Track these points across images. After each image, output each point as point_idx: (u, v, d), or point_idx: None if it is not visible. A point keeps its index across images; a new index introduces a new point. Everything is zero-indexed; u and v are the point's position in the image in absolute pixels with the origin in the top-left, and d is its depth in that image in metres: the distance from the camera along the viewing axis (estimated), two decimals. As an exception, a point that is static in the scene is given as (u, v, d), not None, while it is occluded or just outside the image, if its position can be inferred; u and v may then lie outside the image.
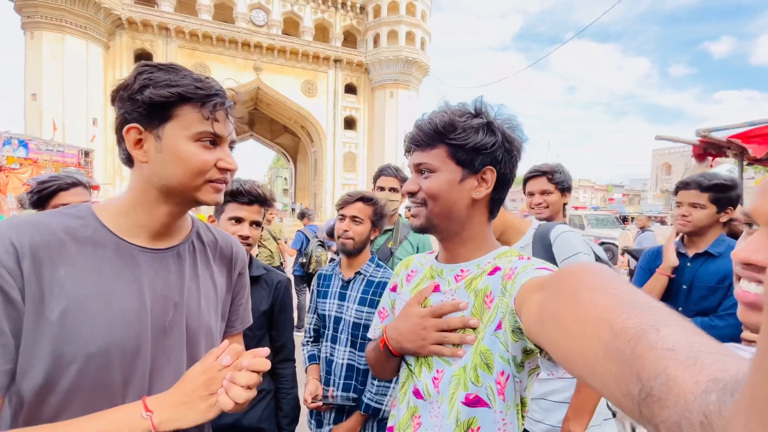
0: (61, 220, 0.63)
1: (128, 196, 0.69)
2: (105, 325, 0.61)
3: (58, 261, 0.59)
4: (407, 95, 28.99)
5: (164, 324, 0.68)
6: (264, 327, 1.41)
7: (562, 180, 1.75)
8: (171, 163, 0.64)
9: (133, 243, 0.67)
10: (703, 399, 0.22)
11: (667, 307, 0.33)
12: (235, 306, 0.86)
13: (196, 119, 0.64)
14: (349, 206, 1.50)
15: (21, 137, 14.81)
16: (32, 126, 19.62)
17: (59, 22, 20.12)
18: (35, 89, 20.32)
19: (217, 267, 0.81)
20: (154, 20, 23.36)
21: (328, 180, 28.89)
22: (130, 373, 0.64)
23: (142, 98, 0.62)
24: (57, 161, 15.26)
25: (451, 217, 0.76)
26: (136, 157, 0.66)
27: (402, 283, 0.91)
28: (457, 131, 0.72)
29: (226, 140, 0.70)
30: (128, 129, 0.64)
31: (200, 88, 0.64)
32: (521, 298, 0.57)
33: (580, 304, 0.38)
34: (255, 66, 25.95)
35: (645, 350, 0.27)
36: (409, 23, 27.91)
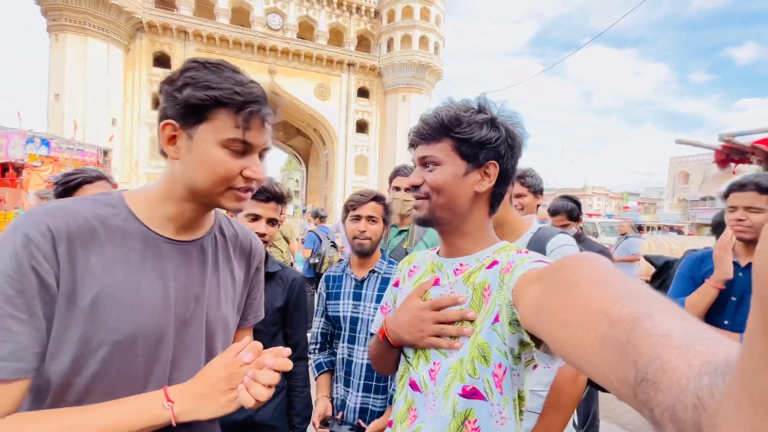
0: (93, 207, 0.63)
1: (159, 188, 0.69)
2: (131, 313, 0.62)
3: (90, 248, 0.60)
4: (420, 99, 29.01)
5: (185, 315, 0.69)
6: (278, 323, 1.41)
7: (533, 183, 1.87)
8: (198, 165, 0.64)
9: (160, 234, 0.68)
10: (696, 382, 0.22)
11: (661, 296, 0.33)
12: (250, 300, 0.87)
13: (229, 125, 0.63)
14: (364, 206, 1.49)
15: (43, 136, 15.27)
16: (54, 125, 20.23)
17: (82, 25, 20.76)
18: (58, 90, 20.97)
19: (237, 261, 0.82)
20: (173, 24, 23.92)
21: (339, 183, 29.02)
22: (153, 361, 0.65)
23: (181, 97, 0.62)
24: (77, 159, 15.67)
25: (454, 210, 0.77)
26: (168, 152, 0.66)
27: (404, 278, 0.93)
28: (463, 125, 0.74)
29: (258, 148, 0.68)
30: (164, 125, 0.65)
31: (238, 93, 0.62)
32: (518, 290, 0.58)
33: (576, 294, 0.39)
34: (270, 69, 26.31)
35: (640, 337, 0.28)
36: (423, 28, 27.99)
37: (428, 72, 28.83)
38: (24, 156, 13.75)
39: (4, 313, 0.53)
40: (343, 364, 1.47)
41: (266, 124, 0.68)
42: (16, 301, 0.53)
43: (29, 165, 13.94)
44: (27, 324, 0.54)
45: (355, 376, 1.43)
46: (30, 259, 0.54)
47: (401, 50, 27.94)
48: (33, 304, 0.54)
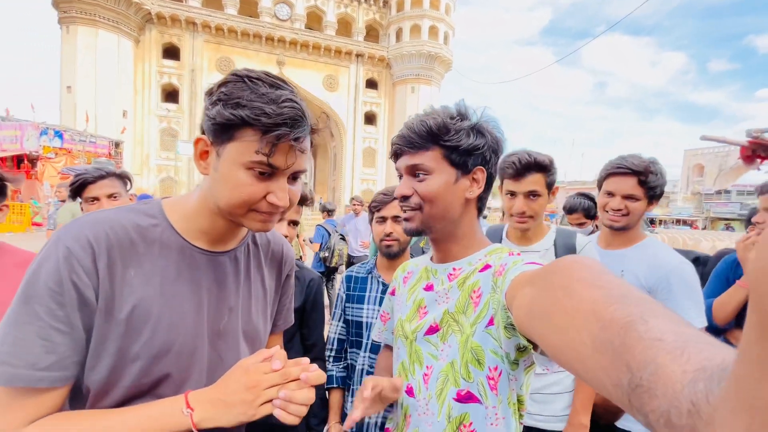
0: (133, 218, 0.64)
1: (196, 201, 0.68)
2: (167, 326, 0.62)
3: (129, 262, 0.61)
4: (429, 90, 28.72)
5: (219, 327, 0.69)
6: (295, 324, 1.37)
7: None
8: (222, 184, 0.62)
9: (196, 245, 0.68)
10: (691, 387, 0.22)
11: (652, 299, 0.33)
12: (281, 307, 0.87)
13: (255, 147, 0.59)
14: (388, 206, 1.41)
15: (56, 128, 15.50)
16: (67, 117, 20.51)
17: (93, 17, 20.90)
18: (70, 82, 21.22)
19: (268, 269, 0.81)
20: (182, 15, 23.93)
21: (347, 175, 29.03)
22: (188, 374, 0.65)
23: (211, 113, 0.60)
24: (89, 151, 15.92)
25: (446, 218, 0.77)
26: (198, 167, 0.66)
27: (399, 285, 0.93)
28: (451, 133, 0.74)
29: (286, 172, 0.63)
30: (198, 140, 0.65)
31: (267, 114, 0.58)
32: (512, 293, 0.58)
33: (569, 296, 0.39)
34: (278, 60, 26.24)
35: (634, 341, 0.28)
36: (432, 17, 27.56)
37: (438, 62, 28.47)
38: (38, 148, 14.00)
39: (47, 325, 0.55)
40: (363, 376, 1.35)
41: (297, 148, 0.62)
42: (58, 313, 0.55)
43: (44, 157, 14.20)
44: (68, 335, 0.56)
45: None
46: (71, 273, 0.56)
47: (410, 40, 27.60)
48: (73, 316, 0.56)
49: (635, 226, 1.40)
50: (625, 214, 1.36)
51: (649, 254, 1.35)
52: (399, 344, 0.84)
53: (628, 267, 1.36)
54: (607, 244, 1.47)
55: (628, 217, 1.36)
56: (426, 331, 0.77)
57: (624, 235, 1.41)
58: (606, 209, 1.39)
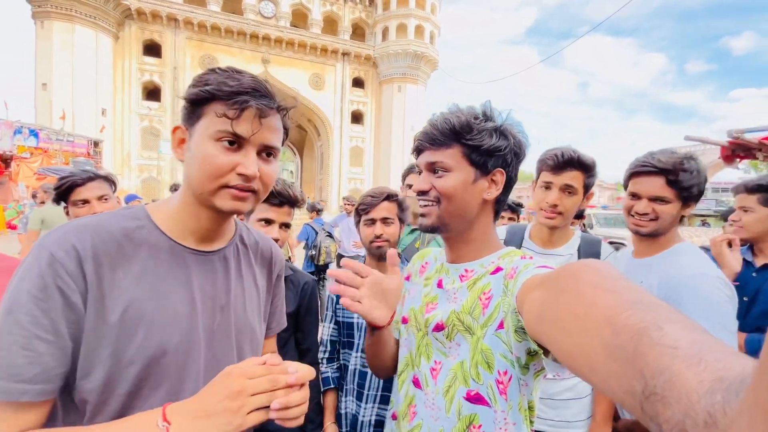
0: (118, 221, 0.63)
1: (179, 198, 0.68)
2: (160, 327, 0.61)
3: (117, 263, 0.60)
4: (415, 90, 28.80)
5: (212, 326, 0.68)
6: (290, 329, 1.37)
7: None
8: (193, 162, 0.63)
9: (184, 245, 0.67)
10: (708, 398, 0.21)
11: (666, 304, 0.32)
12: (273, 308, 0.86)
13: (219, 116, 0.61)
14: (376, 208, 1.40)
15: (32, 126, 14.95)
16: (42, 115, 19.80)
17: (69, 12, 20.21)
18: (45, 79, 20.48)
19: (258, 269, 0.81)
20: (163, 11, 23.36)
21: (334, 174, 28.89)
22: (185, 375, 0.64)
23: (183, 97, 0.63)
24: (67, 151, 15.40)
25: (462, 217, 0.77)
26: (176, 155, 0.67)
27: (416, 273, 0.93)
28: (473, 132, 0.74)
29: (252, 143, 0.63)
30: (175, 128, 0.66)
31: (228, 84, 0.61)
32: (522, 296, 0.57)
33: (580, 301, 0.38)
34: (263, 58, 25.89)
35: (648, 348, 0.27)
36: (418, 17, 27.64)
37: (424, 62, 28.57)
38: (12, 147, 13.47)
39: (31, 334, 0.52)
40: (356, 375, 1.37)
41: (262, 119, 0.63)
42: (43, 321, 0.53)
43: (18, 156, 13.68)
44: (53, 344, 0.54)
45: (371, 388, 1.35)
46: (55, 278, 0.54)
47: (396, 39, 27.61)
48: (59, 323, 0.54)
49: (668, 231, 1.21)
50: (654, 218, 1.18)
51: (669, 264, 1.16)
52: (410, 333, 0.84)
53: (647, 278, 1.19)
54: (636, 253, 1.30)
55: (656, 222, 1.17)
56: (434, 327, 0.77)
57: (652, 241, 1.22)
58: (631, 213, 1.22)
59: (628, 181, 1.26)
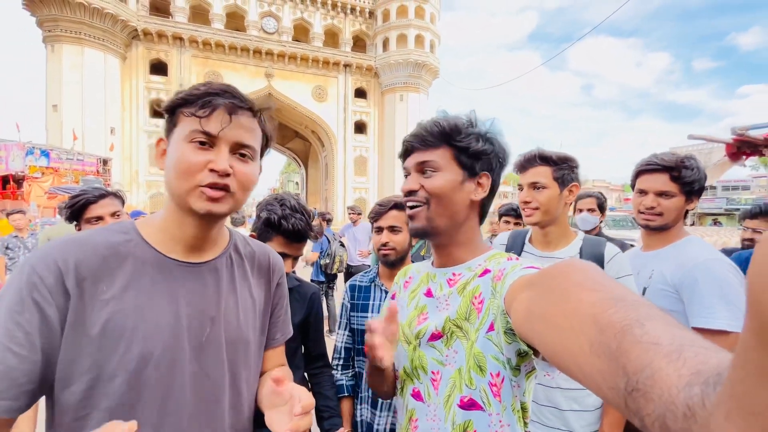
0: (104, 236, 0.65)
1: (164, 210, 0.70)
2: (142, 338, 0.61)
3: (100, 277, 0.60)
4: (417, 98, 28.97)
5: (201, 339, 0.68)
6: (297, 339, 1.37)
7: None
8: (170, 166, 0.65)
9: (171, 257, 0.67)
10: (687, 391, 0.22)
11: (649, 302, 0.33)
12: (275, 318, 0.85)
13: (191, 119, 0.64)
14: (384, 216, 1.42)
15: (43, 147, 15.30)
16: (53, 136, 20.25)
17: (78, 35, 20.78)
18: (56, 100, 20.99)
19: (255, 279, 0.80)
20: (168, 31, 23.92)
21: (339, 184, 29.01)
22: (169, 388, 0.63)
23: (162, 109, 0.67)
24: (77, 169, 15.70)
25: (451, 218, 0.78)
26: (158, 166, 0.69)
27: (400, 289, 0.93)
28: (462, 134, 0.76)
29: (224, 141, 0.64)
30: (158, 141, 0.69)
31: (198, 89, 0.65)
32: (510, 297, 0.58)
33: (566, 300, 0.39)
34: (266, 73, 26.30)
35: (630, 344, 0.28)
36: (418, 26, 27.94)
37: (425, 70, 28.79)
38: (24, 168, 13.78)
39: (3, 347, 0.53)
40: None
41: (234, 116, 0.64)
42: (17, 334, 0.53)
43: (30, 176, 13.97)
44: (25, 359, 0.54)
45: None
46: (32, 291, 0.55)
47: (397, 50, 27.91)
48: (33, 337, 0.54)
49: (675, 225, 1.31)
50: (660, 213, 1.29)
51: (680, 252, 1.26)
52: (400, 349, 0.83)
53: (658, 267, 1.28)
54: (645, 246, 1.41)
55: (663, 216, 1.28)
56: (429, 337, 0.76)
57: (662, 235, 1.33)
58: (640, 209, 1.32)
59: (635, 180, 1.37)
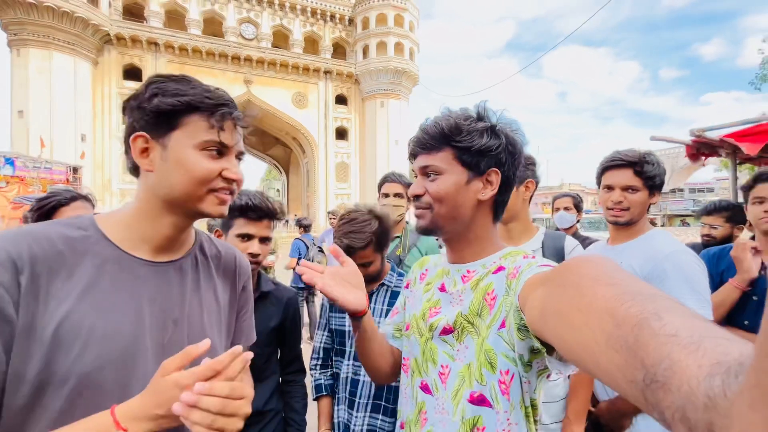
0: (61, 230, 0.61)
1: (134, 207, 0.67)
2: (100, 338, 0.58)
3: (56, 273, 0.57)
4: (398, 104, 29.27)
5: (163, 340, 0.66)
6: (273, 344, 1.35)
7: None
8: (175, 171, 0.63)
9: (135, 255, 0.65)
10: (708, 382, 0.22)
11: (666, 294, 0.33)
12: (240, 321, 0.83)
13: (203, 128, 0.64)
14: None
15: (7, 155, 14.55)
16: (19, 143, 19.35)
17: (46, 38, 20.02)
18: (22, 106, 20.09)
19: (221, 281, 0.79)
20: (143, 36, 23.37)
21: (321, 190, 28.85)
22: (127, 392, 0.60)
23: (150, 107, 0.62)
24: (45, 178, 15.00)
25: (457, 219, 0.77)
26: (141, 165, 0.65)
27: (416, 280, 0.92)
28: (463, 134, 0.74)
29: (233, 150, 0.68)
30: (135, 137, 0.64)
31: (209, 97, 0.64)
32: (525, 294, 0.58)
33: (582, 295, 0.39)
34: (245, 79, 26.01)
35: (648, 337, 0.28)
36: (397, 34, 28.32)
37: (405, 77, 29.14)
38: (-13, 177, 13.07)
39: None
40: (348, 383, 1.37)
41: (238, 127, 0.69)
42: None
43: (-7, 186, 13.26)
44: None
45: (362, 396, 1.34)
46: None
47: (377, 57, 28.16)
48: None
49: (640, 219, 1.36)
50: (626, 208, 1.32)
51: (647, 245, 1.30)
52: (412, 340, 0.83)
53: (626, 260, 1.31)
54: (612, 240, 1.44)
55: (629, 211, 1.32)
56: (441, 331, 0.76)
57: (628, 229, 1.37)
58: (608, 205, 1.36)
59: (601, 176, 1.41)
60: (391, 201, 2.06)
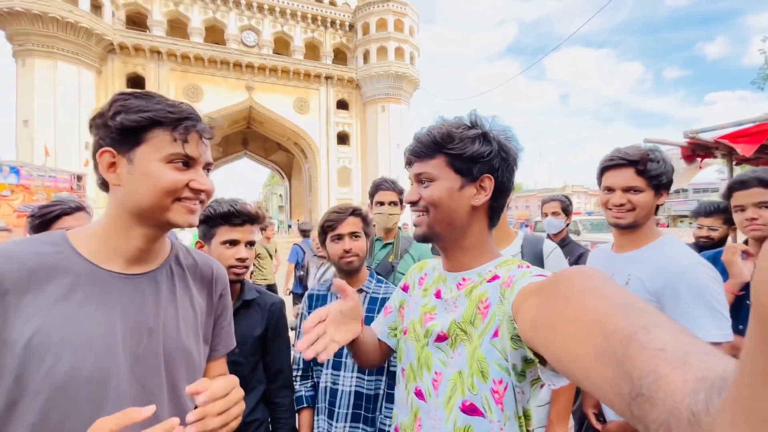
0: (33, 248, 0.63)
1: (104, 221, 0.69)
2: (72, 351, 0.59)
3: (26, 290, 0.59)
4: (399, 109, 29.34)
5: (138, 351, 0.67)
6: (258, 353, 1.33)
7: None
8: (142, 183, 0.65)
9: (107, 269, 0.67)
10: (692, 397, 0.22)
11: (655, 309, 0.33)
12: (218, 329, 0.85)
13: (168, 141, 0.66)
14: (343, 224, 1.41)
15: (12, 164, 14.71)
16: (24, 152, 19.54)
17: (51, 49, 20.27)
18: (27, 116, 20.31)
19: (197, 289, 0.80)
20: (145, 44, 23.62)
21: (323, 196, 28.89)
22: (101, 402, 0.61)
23: (114, 124, 0.64)
24: (49, 186, 15.14)
25: (452, 224, 0.78)
26: (108, 179, 0.68)
27: (414, 285, 0.93)
28: (455, 141, 0.75)
29: (200, 162, 0.70)
30: (102, 153, 0.67)
31: (171, 112, 0.66)
32: (518, 304, 0.58)
33: (572, 307, 0.39)
34: (247, 86, 26.19)
35: (636, 351, 0.28)
36: (397, 39, 28.45)
37: (405, 82, 29.24)
38: (-8, 186, 13.21)
39: None
40: (327, 393, 1.35)
41: (204, 139, 0.70)
42: None
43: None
44: None
45: (342, 406, 1.32)
46: None
47: (378, 62, 28.29)
48: None
49: (646, 222, 1.24)
50: (631, 209, 1.21)
51: (657, 256, 1.18)
52: (409, 346, 0.84)
53: (635, 272, 1.20)
54: (617, 247, 1.32)
55: (634, 212, 1.21)
56: (435, 338, 0.77)
57: (635, 234, 1.25)
58: (608, 206, 1.25)
59: (601, 177, 1.30)
60: (386, 210, 2.04)
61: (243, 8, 26.50)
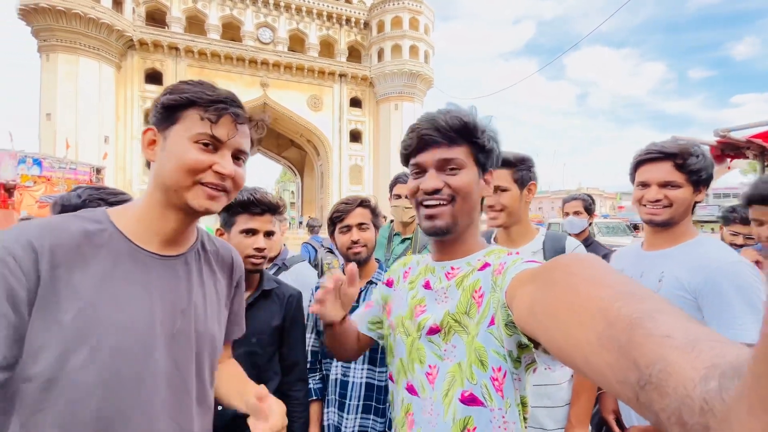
0: (79, 224, 0.64)
1: (143, 201, 0.70)
2: (115, 329, 0.61)
3: (74, 265, 0.60)
4: (412, 107, 29.22)
5: (172, 330, 0.69)
6: (275, 344, 1.33)
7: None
8: (168, 159, 0.66)
9: (146, 249, 0.68)
10: (704, 385, 0.21)
11: (658, 295, 0.33)
12: (233, 315, 0.88)
13: (197, 120, 0.66)
14: (351, 214, 1.41)
15: (35, 156, 15.16)
16: (46, 145, 20.11)
17: (74, 44, 20.81)
18: (50, 109, 20.90)
19: (220, 275, 0.82)
20: (164, 41, 24.04)
21: (334, 193, 29.00)
22: (140, 378, 0.63)
23: (159, 103, 0.68)
24: (69, 178, 15.56)
25: (470, 216, 0.77)
26: (146, 156, 0.70)
27: (399, 279, 0.92)
28: (480, 131, 0.75)
29: (228, 146, 0.69)
30: (145, 130, 0.69)
31: (207, 93, 0.67)
32: (512, 291, 0.58)
33: (574, 294, 0.38)
34: (262, 82, 26.44)
35: (642, 338, 0.27)
36: (412, 37, 28.32)
37: (419, 80, 29.10)
38: (16, 177, 13.63)
39: None
40: (337, 385, 1.34)
41: (238, 125, 0.69)
42: None
43: (21, 185, 13.81)
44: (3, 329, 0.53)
45: (353, 398, 1.32)
46: (3, 267, 0.54)
47: (392, 60, 28.22)
48: (3, 309, 0.54)
49: (683, 220, 1.16)
50: (667, 205, 1.13)
51: (696, 253, 1.11)
52: (398, 340, 0.83)
53: (669, 269, 1.13)
54: (649, 245, 1.25)
55: (671, 208, 1.13)
56: (428, 331, 0.75)
57: (670, 231, 1.18)
58: (642, 203, 1.17)
59: (635, 172, 1.22)
60: (403, 202, 2.05)
61: (260, 5, 26.73)
